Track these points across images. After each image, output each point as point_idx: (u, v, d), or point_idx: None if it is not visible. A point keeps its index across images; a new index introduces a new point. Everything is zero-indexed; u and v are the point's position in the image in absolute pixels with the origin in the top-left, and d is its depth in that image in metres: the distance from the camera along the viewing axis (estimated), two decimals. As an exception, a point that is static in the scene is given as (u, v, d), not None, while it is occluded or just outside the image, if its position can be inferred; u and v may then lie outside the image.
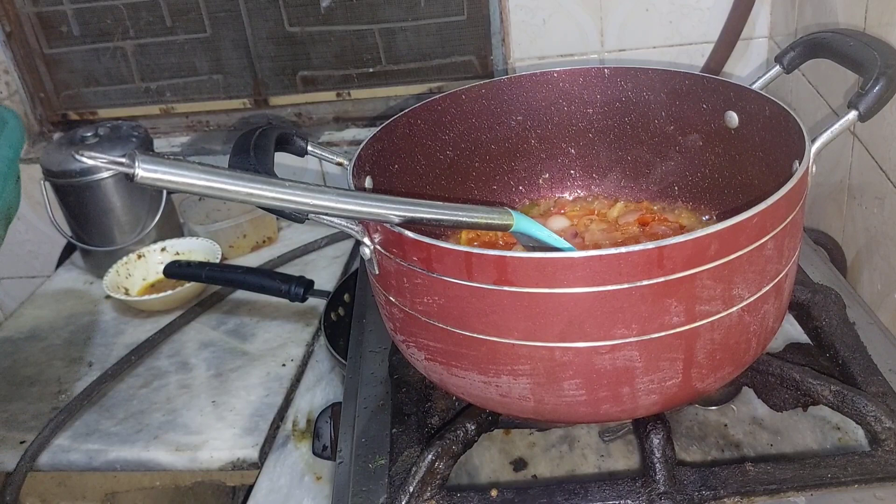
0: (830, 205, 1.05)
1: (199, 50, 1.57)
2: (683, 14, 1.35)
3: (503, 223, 0.64)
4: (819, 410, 0.73)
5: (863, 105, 0.65)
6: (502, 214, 0.64)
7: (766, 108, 0.73)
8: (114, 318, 1.38)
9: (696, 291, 0.57)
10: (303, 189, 0.53)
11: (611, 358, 0.59)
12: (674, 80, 0.83)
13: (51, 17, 1.57)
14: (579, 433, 0.75)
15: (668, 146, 0.87)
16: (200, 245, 1.46)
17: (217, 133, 1.63)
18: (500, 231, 0.66)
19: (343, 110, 1.59)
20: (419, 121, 0.84)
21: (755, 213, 0.56)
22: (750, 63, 1.37)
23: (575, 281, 0.55)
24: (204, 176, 0.49)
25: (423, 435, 0.70)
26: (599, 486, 0.63)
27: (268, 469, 1.04)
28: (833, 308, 0.79)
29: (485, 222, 0.63)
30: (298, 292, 1.24)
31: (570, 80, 0.88)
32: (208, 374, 1.21)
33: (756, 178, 0.78)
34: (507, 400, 0.63)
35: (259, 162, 0.61)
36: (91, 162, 0.46)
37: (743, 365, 0.66)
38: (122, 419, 1.14)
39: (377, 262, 0.65)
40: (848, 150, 0.98)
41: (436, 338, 0.64)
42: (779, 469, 0.63)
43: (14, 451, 1.11)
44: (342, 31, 1.52)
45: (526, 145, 0.91)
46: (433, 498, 0.64)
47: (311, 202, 0.54)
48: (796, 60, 0.79)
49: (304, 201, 0.53)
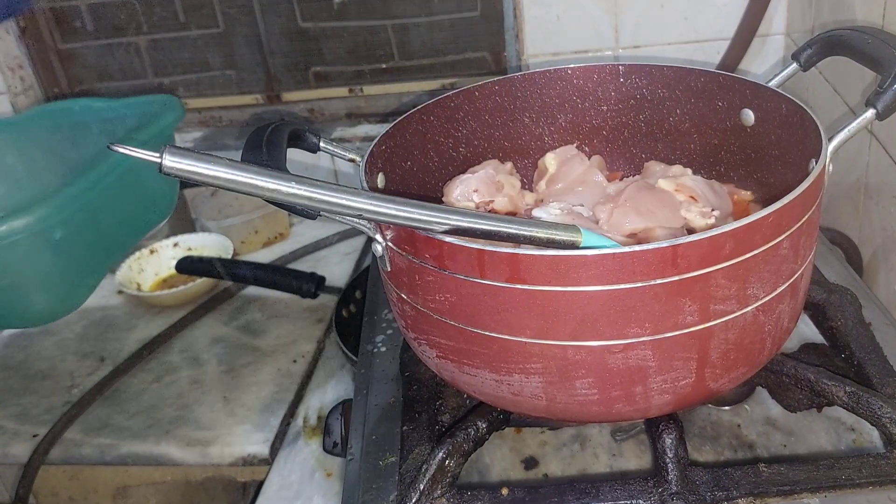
0: (847, 204, 1.04)
1: (212, 45, 1.57)
2: (699, 10, 1.34)
3: (570, 239, 0.58)
4: (833, 411, 0.73)
5: (881, 103, 0.64)
6: (569, 230, 0.58)
7: (783, 105, 0.73)
8: (126, 312, 1.38)
9: (711, 291, 0.56)
10: (346, 192, 0.53)
11: (624, 357, 0.58)
12: (689, 77, 0.83)
13: (65, 13, 1.57)
14: (591, 432, 0.74)
15: (683, 144, 0.86)
16: (212, 240, 1.46)
17: (230, 129, 1.63)
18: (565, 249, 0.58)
19: (356, 106, 1.59)
20: (432, 117, 0.83)
21: (771, 211, 0.56)
22: (766, 60, 1.36)
23: (588, 279, 0.55)
24: (229, 170, 0.50)
25: (433, 433, 0.70)
26: (611, 486, 0.63)
27: (278, 465, 1.04)
28: (849, 308, 0.78)
29: (547, 238, 0.57)
30: (310, 288, 1.24)
31: (585, 77, 0.88)
32: (220, 369, 1.21)
33: (772, 176, 0.78)
34: (519, 398, 0.63)
35: (271, 158, 0.60)
36: (123, 152, 0.48)
37: (757, 365, 0.65)
38: (134, 414, 1.14)
39: (389, 259, 0.65)
40: (865, 149, 0.97)
41: (447, 335, 0.63)
42: (792, 470, 0.63)
43: (26, 444, 1.11)
44: (355, 26, 1.51)
45: (539, 142, 0.91)
46: (443, 496, 0.64)
47: (355, 206, 0.53)
48: (813, 58, 0.78)
49: (348, 204, 0.53)
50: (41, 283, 1.04)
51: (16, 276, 0.99)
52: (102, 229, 1.10)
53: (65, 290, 1.08)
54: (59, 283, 1.06)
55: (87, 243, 1.08)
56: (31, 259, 0.99)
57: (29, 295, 1.04)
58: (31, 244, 0.95)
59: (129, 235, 1.24)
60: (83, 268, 1.11)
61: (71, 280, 1.09)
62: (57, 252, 1.01)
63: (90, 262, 1.13)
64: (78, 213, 0.99)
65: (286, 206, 0.54)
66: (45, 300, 1.07)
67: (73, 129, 1.34)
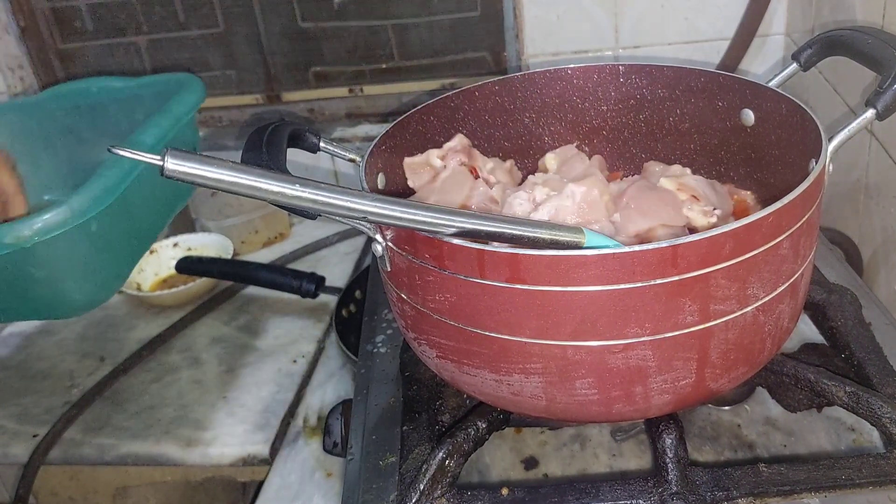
0: (847, 204, 1.04)
1: (212, 45, 1.57)
2: (699, 10, 1.34)
3: (573, 240, 0.58)
4: (833, 411, 0.73)
5: (881, 103, 0.64)
6: (572, 231, 0.59)
7: (783, 105, 0.73)
8: (126, 313, 1.38)
9: (711, 291, 0.56)
10: (350, 194, 0.53)
11: (624, 357, 0.58)
12: (689, 77, 0.83)
13: (65, 12, 1.57)
14: (591, 432, 0.74)
15: (683, 144, 0.86)
16: (212, 240, 1.46)
17: (229, 129, 1.63)
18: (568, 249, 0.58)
19: (356, 106, 1.59)
20: (432, 117, 0.83)
21: (771, 211, 0.56)
22: (766, 60, 1.36)
23: (588, 279, 0.55)
24: (232, 173, 0.49)
25: (433, 433, 0.70)
26: (611, 486, 0.63)
27: (278, 465, 1.04)
28: (849, 308, 0.78)
29: (550, 238, 0.58)
30: (310, 288, 1.24)
31: (585, 77, 0.88)
32: (219, 369, 1.21)
33: (772, 176, 0.78)
34: (519, 398, 0.63)
35: (271, 158, 0.60)
36: (124, 154, 0.47)
37: (757, 365, 0.65)
38: (134, 414, 1.14)
39: (389, 259, 0.65)
40: (865, 149, 0.97)
41: (447, 335, 0.63)
42: (792, 470, 0.63)
43: (26, 444, 1.11)
44: (355, 26, 1.51)
45: (539, 142, 0.91)
46: (443, 496, 0.64)
47: (359, 208, 0.53)
48: (813, 58, 0.78)
49: (352, 207, 0.53)
50: (78, 274, 1.04)
51: (52, 269, 1.00)
52: (134, 217, 1.11)
53: (100, 280, 1.09)
54: (95, 273, 1.06)
55: (121, 232, 1.08)
56: (67, 252, 0.99)
57: (66, 287, 1.05)
58: (68, 238, 0.95)
59: (157, 221, 1.24)
60: (118, 257, 1.12)
61: (106, 270, 1.09)
62: (93, 244, 1.02)
63: (124, 251, 1.13)
64: (112, 205, 1.00)
65: (287, 207, 0.54)
66: (81, 291, 1.07)
67: (92, 109, 1.34)
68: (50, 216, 0.93)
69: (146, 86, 1.30)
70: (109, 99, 1.33)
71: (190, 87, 1.23)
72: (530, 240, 0.57)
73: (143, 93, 1.30)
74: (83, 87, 1.35)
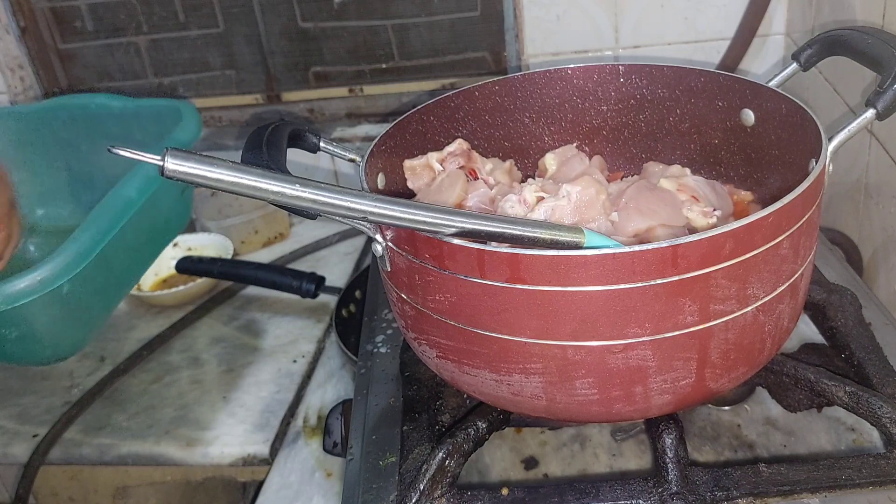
0: (847, 204, 1.04)
1: (212, 45, 1.57)
2: (699, 10, 1.34)
3: (573, 240, 0.58)
4: (833, 411, 0.73)
5: (881, 103, 0.64)
6: (572, 231, 0.59)
7: (783, 105, 0.73)
8: (126, 312, 1.38)
9: (711, 291, 0.56)
10: (350, 194, 0.53)
11: (624, 357, 0.58)
12: (689, 77, 0.83)
13: (65, 13, 1.57)
14: (591, 432, 0.74)
15: (683, 144, 0.86)
16: (212, 241, 1.46)
17: (229, 128, 1.63)
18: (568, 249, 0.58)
19: (355, 106, 1.59)
20: (432, 117, 0.83)
21: (771, 211, 0.56)
22: (766, 60, 1.36)
23: (588, 279, 0.55)
24: (233, 173, 0.49)
25: (433, 433, 0.70)
26: (611, 486, 0.63)
27: (278, 465, 1.04)
28: (849, 308, 0.78)
29: (550, 238, 0.57)
30: (310, 288, 1.24)
31: (585, 77, 0.88)
32: (219, 369, 1.21)
33: (772, 176, 0.78)
34: (519, 398, 0.63)
35: (272, 158, 0.60)
36: (124, 155, 0.47)
37: (757, 365, 0.65)
38: (134, 414, 1.14)
39: (389, 259, 0.65)
40: (865, 149, 0.97)
41: (447, 335, 0.63)
42: (792, 470, 0.63)
43: (26, 444, 1.11)
44: (355, 26, 1.51)
45: (539, 142, 0.91)
46: (443, 496, 0.64)
47: (360, 208, 0.53)
48: (813, 58, 0.78)
49: (353, 207, 0.53)
50: (50, 333, 1.06)
51: (23, 331, 1.01)
52: (113, 269, 1.11)
53: (73, 335, 1.10)
54: (68, 330, 1.07)
55: (96, 288, 1.09)
56: (38, 314, 1.00)
57: (38, 344, 1.06)
58: (38, 302, 0.96)
59: (138, 268, 1.25)
60: (92, 312, 1.13)
61: (79, 326, 1.10)
62: (64, 305, 1.02)
63: (100, 304, 1.14)
64: (87, 267, 0.99)
65: (287, 207, 0.54)
66: (54, 347, 1.10)
67: (90, 123, 1.35)
68: (19, 284, 0.93)
69: (145, 107, 1.32)
70: (107, 116, 1.33)
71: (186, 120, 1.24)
72: (530, 240, 0.57)
73: (141, 113, 1.31)
74: (83, 102, 1.36)
